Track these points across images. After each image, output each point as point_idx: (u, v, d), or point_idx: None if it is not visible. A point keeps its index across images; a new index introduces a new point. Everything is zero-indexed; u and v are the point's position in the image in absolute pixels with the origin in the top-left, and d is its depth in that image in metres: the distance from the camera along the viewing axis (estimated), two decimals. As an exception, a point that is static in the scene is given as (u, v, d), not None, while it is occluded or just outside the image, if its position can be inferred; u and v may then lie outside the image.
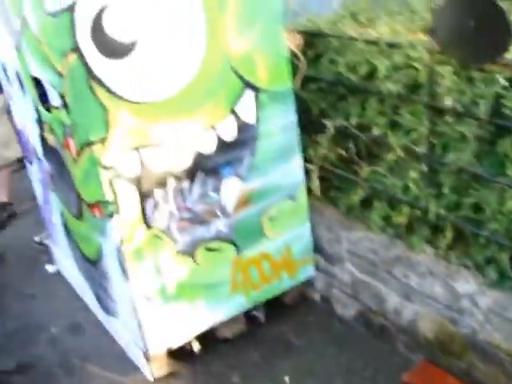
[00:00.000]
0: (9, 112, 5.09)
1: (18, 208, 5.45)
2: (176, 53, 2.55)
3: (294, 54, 2.98)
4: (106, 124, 2.46)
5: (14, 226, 5.26)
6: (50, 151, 3.13)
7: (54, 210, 3.62)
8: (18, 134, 3.84)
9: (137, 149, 2.57)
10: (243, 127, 2.83)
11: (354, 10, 3.18)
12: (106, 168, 2.52)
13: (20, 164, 5.40)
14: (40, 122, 3.09)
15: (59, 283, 4.13)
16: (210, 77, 2.66)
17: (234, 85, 2.74)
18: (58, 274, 4.23)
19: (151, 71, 2.51)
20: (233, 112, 2.77)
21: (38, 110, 3.05)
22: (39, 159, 3.45)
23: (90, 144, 2.49)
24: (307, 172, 3.17)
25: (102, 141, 2.48)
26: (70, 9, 2.29)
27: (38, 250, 4.61)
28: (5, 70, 3.53)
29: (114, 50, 2.40)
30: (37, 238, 4.67)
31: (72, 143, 2.66)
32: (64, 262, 3.95)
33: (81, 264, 3.44)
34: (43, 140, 3.17)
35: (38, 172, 3.67)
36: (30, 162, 3.77)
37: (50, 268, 4.32)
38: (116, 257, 2.73)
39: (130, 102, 2.49)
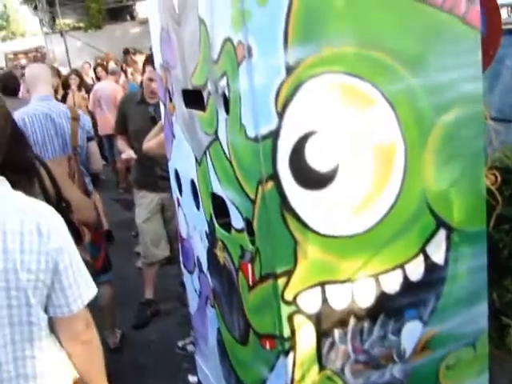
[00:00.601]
0: (163, 211, 5.17)
1: (161, 306, 5.42)
2: (372, 186, 2.39)
3: (489, 192, 2.76)
4: (294, 257, 2.32)
5: (157, 325, 5.22)
6: (217, 268, 3.01)
7: (209, 324, 3.49)
8: (181, 240, 3.78)
9: (321, 284, 2.40)
10: (431, 268, 2.60)
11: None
12: (287, 303, 2.36)
13: (166, 262, 5.43)
14: (211, 236, 3.00)
15: (200, 396, 3.97)
16: (404, 213, 2.47)
17: (428, 223, 2.54)
18: (200, 385, 4.08)
19: (346, 204, 2.36)
20: (423, 251, 2.56)
21: (211, 225, 2.96)
22: (202, 271, 3.35)
23: (272, 275, 2.34)
24: (490, 318, 2.88)
25: (287, 274, 2.33)
26: (274, 135, 2.19)
27: (180, 356, 4.50)
28: (177, 176, 3.50)
29: (312, 180, 2.28)
30: (180, 343, 4.57)
31: (250, 269, 2.53)
32: (209, 376, 3.78)
33: (233, 386, 3.26)
34: (211, 255, 3.07)
35: (196, 282, 3.57)
36: (190, 272, 3.68)
37: (191, 378, 4.17)
38: (283, 395, 2.53)
39: (320, 235, 2.34)
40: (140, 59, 10.35)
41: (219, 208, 2.82)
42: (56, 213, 1.95)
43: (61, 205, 2.75)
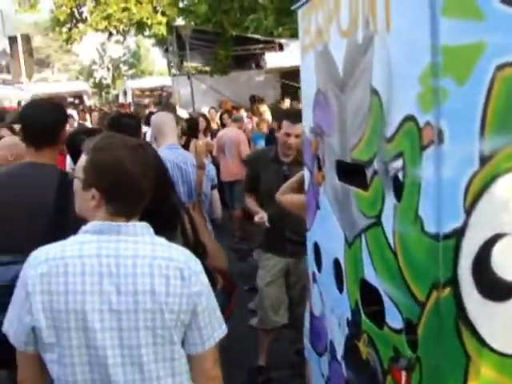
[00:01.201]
0: (287, 276, 4.92)
1: (273, 373, 5.15)
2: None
3: None
4: (465, 375, 1.98)
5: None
6: (357, 362, 2.69)
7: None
8: (311, 317, 3.49)
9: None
10: None
11: None
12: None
13: (283, 326, 5.16)
14: (354, 326, 2.69)
15: None
16: None
17: None
18: None
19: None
20: None
21: (356, 314, 2.66)
22: (335, 358, 3.04)
23: (436, 393, 2.02)
24: None
25: (455, 394, 2.00)
26: (459, 234, 1.89)
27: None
28: (317, 249, 3.23)
29: (496, 290, 1.94)
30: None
31: (405, 378, 2.20)
32: None
33: None
34: (351, 345, 2.76)
35: (325, 367, 3.26)
36: (319, 353, 3.37)
37: None
38: None
39: (499, 353, 1.99)
40: (263, 108, 10.38)
41: (367, 295, 2.53)
42: (196, 259, 2.12)
43: (198, 250, 2.72)
